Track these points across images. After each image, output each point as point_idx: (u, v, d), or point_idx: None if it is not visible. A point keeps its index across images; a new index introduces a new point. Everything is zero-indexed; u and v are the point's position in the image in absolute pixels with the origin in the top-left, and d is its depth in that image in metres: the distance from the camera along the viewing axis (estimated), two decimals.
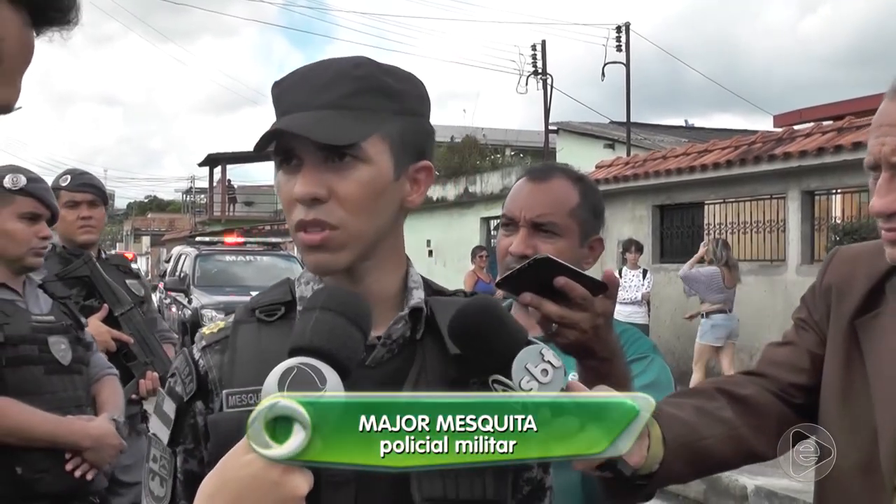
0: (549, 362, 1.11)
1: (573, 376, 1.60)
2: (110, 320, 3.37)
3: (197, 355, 1.23)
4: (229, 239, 16.96)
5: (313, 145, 1.13)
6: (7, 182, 2.62)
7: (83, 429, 2.59)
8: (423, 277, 1.30)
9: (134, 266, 4.06)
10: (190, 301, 13.30)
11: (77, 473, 2.57)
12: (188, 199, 49.80)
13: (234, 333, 1.22)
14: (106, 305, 3.38)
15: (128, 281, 3.58)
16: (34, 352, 2.56)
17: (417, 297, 1.24)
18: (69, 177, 3.47)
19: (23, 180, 2.64)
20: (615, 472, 1.15)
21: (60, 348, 2.63)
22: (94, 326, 3.27)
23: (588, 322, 1.38)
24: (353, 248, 1.17)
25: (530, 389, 1.10)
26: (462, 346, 1.16)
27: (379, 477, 1.12)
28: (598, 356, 1.42)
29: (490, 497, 1.18)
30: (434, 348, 1.21)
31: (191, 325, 11.98)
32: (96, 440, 2.59)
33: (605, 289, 1.40)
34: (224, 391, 1.17)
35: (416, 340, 1.22)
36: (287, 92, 1.19)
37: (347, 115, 1.15)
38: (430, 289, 1.29)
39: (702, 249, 10.55)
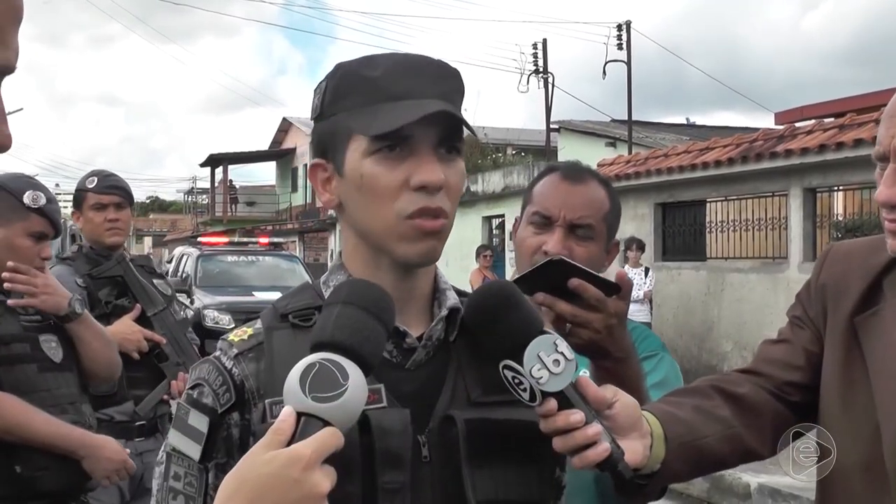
0: (562, 353, 1.10)
1: (584, 372, 1.62)
2: (142, 320, 3.37)
3: (229, 364, 1.16)
4: (209, 239, 16.93)
5: (434, 134, 1.13)
6: (27, 199, 2.62)
7: (81, 438, 2.59)
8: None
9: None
10: (192, 302, 13.31)
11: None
12: (190, 199, 49.85)
13: (269, 340, 1.16)
14: (138, 305, 3.39)
15: (155, 281, 3.57)
16: (27, 350, 2.56)
17: (453, 298, 1.22)
18: (96, 179, 3.46)
19: (43, 200, 2.65)
20: (615, 473, 1.15)
21: (51, 346, 2.63)
22: (127, 326, 3.30)
23: (601, 322, 1.39)
24: (446, 239, 1.17)
25: (540, 378, 1.10)
26: (477, 325, 1.15)
27: (433, 482, 1.13)
28: (612, 356, 1.43)
29: (536, 498, 1.19)
30: (468, 349, 1.20)
31: (193, 326, 11.99)
32: (92, 450, 2.58)
33: (619, 290, 1.41)
34: (266, 401, 1.11)
35: (450, 342, 1.20)
36: (399, 78, 1.14)
37: (456, 108, 1.16)
38: (455, 291, 1.26)
39: None
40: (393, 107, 1.11)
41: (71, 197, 3.58)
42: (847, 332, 1.47)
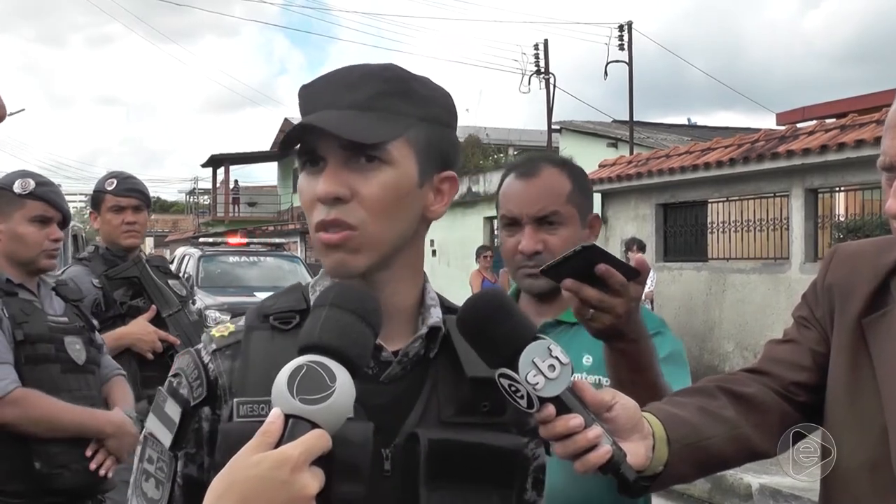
0: (556, 358, 1.10)
1: (588, 359, 1.66)
2: (157, 321, 3.41)
3: (206, 359, 1.18)
4: (232, 240, 16.98)
5: (338, 144, 1.11)
6: (17, 187, 2.69)
7: (105, 416, 2.65)
8: (437, 294, 1.27)
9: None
10: (193, 302, 13.31)
11: (101, 472, 2.61)
12: (191, 200, 49.88)
13: (247, 339, 1.18)
14: (154, 306, 3.42)
15: (170, 281, 3.61)
16: (51, 351, 2.61)
17: (436, 315, 1.21)
18: (115, 181, 3.49)
19: (32, 184, 2.71)
20: (618, 475, 1.15)
21: (75, 348, 2.68)
22: (142, 327, 3.34)
23: (623, 307, 1.42)
24: (371, 251, 1.14)
25: (536, 384, 1.09)
26: (470, 336, 1.15)
27: (392, 497, 1.13)
28: (627, 338, 1.47)
29: None
30: (447, 368, 1.19)
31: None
32: (118, 427, 2.65)
33: (638, 274, 1.43)
34: (235, 399, 1.14)
35: (429, 359, 1.20)
36: (314, 93, 1.17)
37: (374, 115, 1.13)
38: (444, 306, 1.25)
39: None
40: (299, 123, 1.14)
41: (72, 197, 3.60)
42: (854, 334, 1.46)
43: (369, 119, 1.12)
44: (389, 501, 1.13)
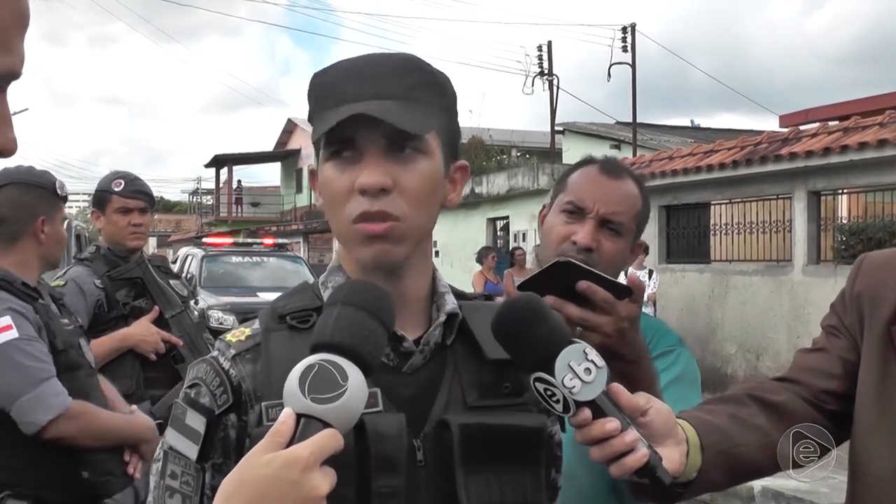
0: (592, 361, 1.10)
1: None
2: (159, 322, 3.40)
3: (226, 365, 1.15)
4: (214, 240, 16.98)
5: (381, 135, 1.11)
6: (59, 189, 2.65)
7: (144, 421, 2.65)
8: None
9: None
10: (196, 302, 13.33)
11: (137, 476, 2.59)
12: (194, 200, 49.91)
13: (266, 341, 1.16)
14: (157, 307, 3.41)
15: (171, 282, 3.60)
16: (77, 356, 2.56)
17: (451, 302, 1.21)
18: (123, 182, 3.46)
19: (67, 187, 2.72)
20: (654, 479, 1.14)
21: (88, 352, 2.65)
22: (145, 328, 3.33)
23: (611, 326, 1.39)
24: (409, 242, 1.15)
25: (573, 388, 1.09)
26: (506, 341, 1.15)
27: (427, 486, 1.13)
28: (624, 359, 1.42)
29: (530, 501, 1.17)
30: (466, 353, 1.20)
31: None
32: (153, 431, 2.64)
33: (631, 293, 1.40)
34: (263, 403, 1.11)
35: (446, 346, 1.20)
36: (342, 82, 1.15)
37: (414, 106, 1.13)
38: (454, 292, 1.26)
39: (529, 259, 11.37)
40: (332, 113, 1.12)
41: (75, 196, 3.58)
42: (883, 341, 1.46)
43: (412, 110, 1.12)
44: (425, 491, 1.13)
